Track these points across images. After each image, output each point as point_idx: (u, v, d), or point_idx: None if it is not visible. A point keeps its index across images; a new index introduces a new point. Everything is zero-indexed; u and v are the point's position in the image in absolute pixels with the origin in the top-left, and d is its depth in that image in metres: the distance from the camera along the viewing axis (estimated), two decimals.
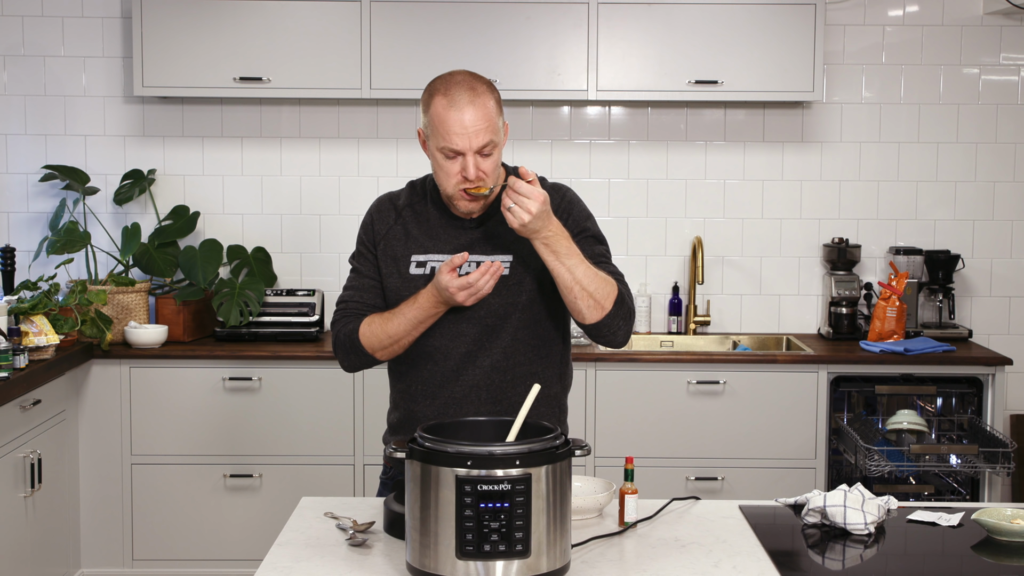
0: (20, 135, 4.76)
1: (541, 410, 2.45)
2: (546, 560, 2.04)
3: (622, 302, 2.40)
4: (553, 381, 2.56)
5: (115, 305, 4.42)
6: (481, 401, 2.49)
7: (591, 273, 2.36)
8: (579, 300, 2.35)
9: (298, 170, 4.80)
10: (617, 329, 2.41)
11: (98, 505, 4.33)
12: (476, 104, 2.34)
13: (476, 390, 2.49)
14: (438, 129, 2.35)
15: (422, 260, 2.49)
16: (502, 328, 2.47)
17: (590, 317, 2.37)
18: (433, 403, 2.51)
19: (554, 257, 2.32)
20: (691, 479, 4.31)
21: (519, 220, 2.26)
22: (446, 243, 2.48)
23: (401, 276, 2.50)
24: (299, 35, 4.41)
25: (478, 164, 2.36)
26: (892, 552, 2.40)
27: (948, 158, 4.81)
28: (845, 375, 4.33)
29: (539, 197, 2.26)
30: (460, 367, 2.49)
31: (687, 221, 4.82)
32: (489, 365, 2.48)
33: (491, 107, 2.36)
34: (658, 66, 4.43)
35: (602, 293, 2.36)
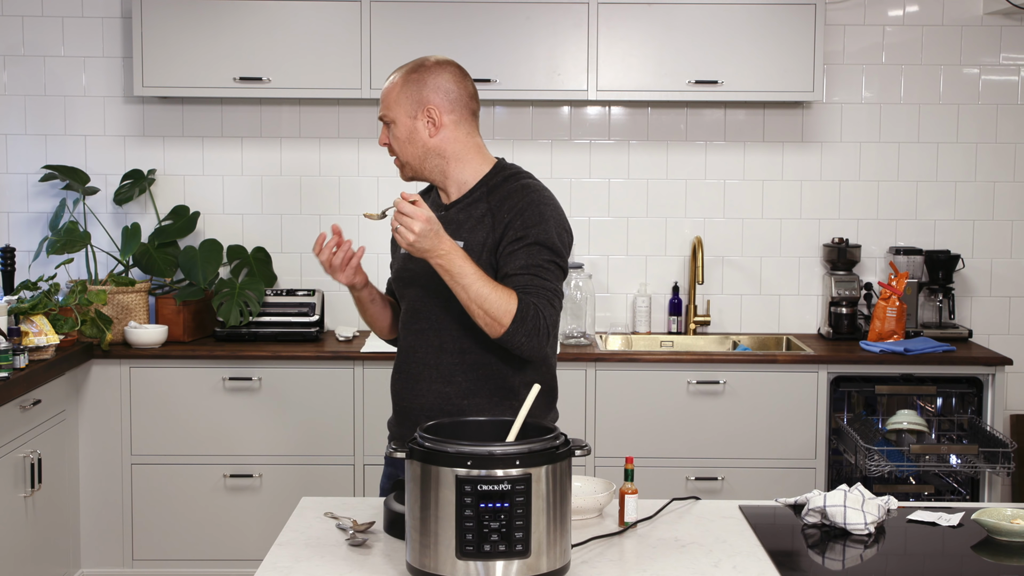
0: (20, 135, 4.76)
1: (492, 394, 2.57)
2: (546, 560, 2.04)
3: (522, 319, 2.42)
4: (511, 372, 2.59)
5: (115, 305, 4.42)
6: (435, 379, 2.58)
7: (487, 291, 2.40)
8: (477, 318, 2.43)
9: (298, 170, 4.80)
10: (520, 345, 2.45)
11: (98, 505, 4.33)
12: (388, 81, 2.61)
13: (429, 368, 2.59)
14: None
15: None
16: (449, 312, 2.54)
17: (491, 333, 2.44)
18: (400, 379, 2.66)
19: (449, 277, 2.40)
20: (691, 479, 4.31)
21: (405, 240, 2.33)
22: None
23: (395, 254, 2.73)
24: (299, 35, 4.41)
25: (384, 131, 2.61)
26: (892, 552, 2.40)
27: (948, 158, 4.81)
28: (845, 375, 4.32)
29: (421, 217, 2.32)
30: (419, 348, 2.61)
31: (687, 221, 4.82)
32: (438, 345, 2.58)
33: (396, 85, 2.58)
34: (658, 66, 4.43)
35: (499, 311, 2.41)
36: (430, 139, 2.56)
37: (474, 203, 2.57)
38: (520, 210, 2.54)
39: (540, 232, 2.51)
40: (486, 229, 2.53)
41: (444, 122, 2.56)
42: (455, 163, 2.59)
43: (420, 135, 2.56)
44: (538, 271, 2.48)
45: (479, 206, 2.56)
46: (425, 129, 2.56)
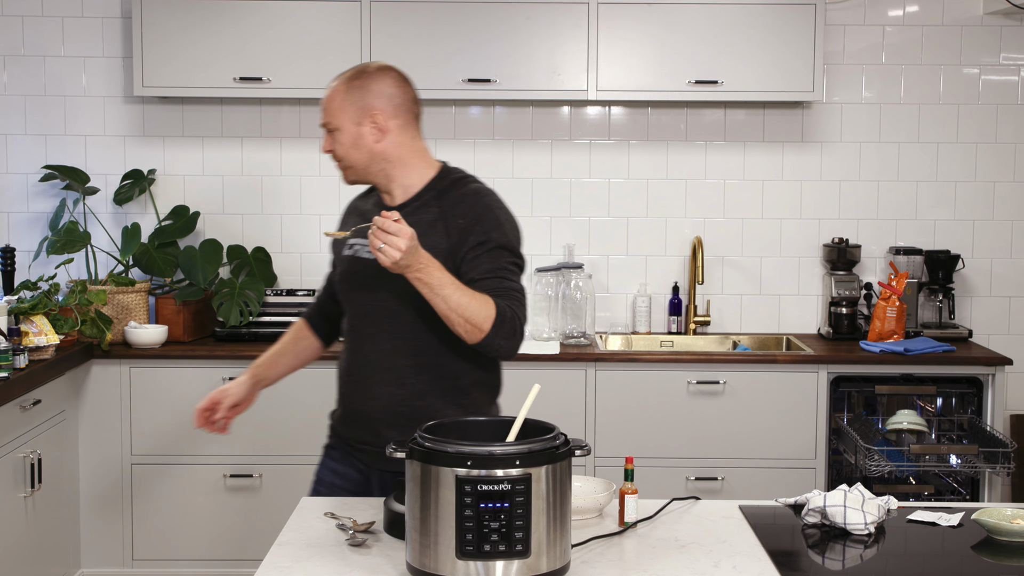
0: (20, 135, 4.76)
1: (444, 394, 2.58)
2: (546, 560, 2.04)
3: (501, 322, 2.45)
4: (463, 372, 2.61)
5: (115, 305, 4.42)
6: (387, 382, 2.59)
7: (466, 299, 2.42)
8: (456, 327, 2.43)
9: (298, 170, 4.80)
10: (499, 347, 2.48)
11: (98, 505, 4.33)
12: (329, 88, 2.62)
13: (380, 371, 2.59)
14: None
15: (352, 242, 2.65)
16: (401, 314, 2.56)
17: (470, 339, 2.45)
18: (349, 382, 2.67)
19: (428, 289, 2.39)
20: (691, 479, 4.31)
21: (390, 259, 2.31)
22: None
23: (339, 258, 2.71)
24: (299, 35, 4.41)
25: (327, 138, 2.62)
26: (892, 552, 2.40)
27: (948, 158, 4.81)
28: (845, 375, 4.33)
29: (406, 235, 2.31)
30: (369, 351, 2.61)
31: (687, 221, 4.82)
32: (390, 348, 2.58)
33: (339, 92, 2.60)
34: (658, 66, 4.43)
35: (479, 317, 2.42)
36: (376, 144, 2.58)
37: (423, 207, 2.58)
38: (477, 215, 2.56)
39: (500, 236, 2.54)
40: (439, 234, 2.53)
41: (390, 127, 2.58)
42: (400, 167, 2.61)
43: (366, 141, 2.58)
44: (503, 273, 2.51)
45: (429, 210, 2.57)
46: (371, 135, 2.58)
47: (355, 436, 2.66)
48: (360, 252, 2.62)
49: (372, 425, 2.61)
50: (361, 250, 2.61)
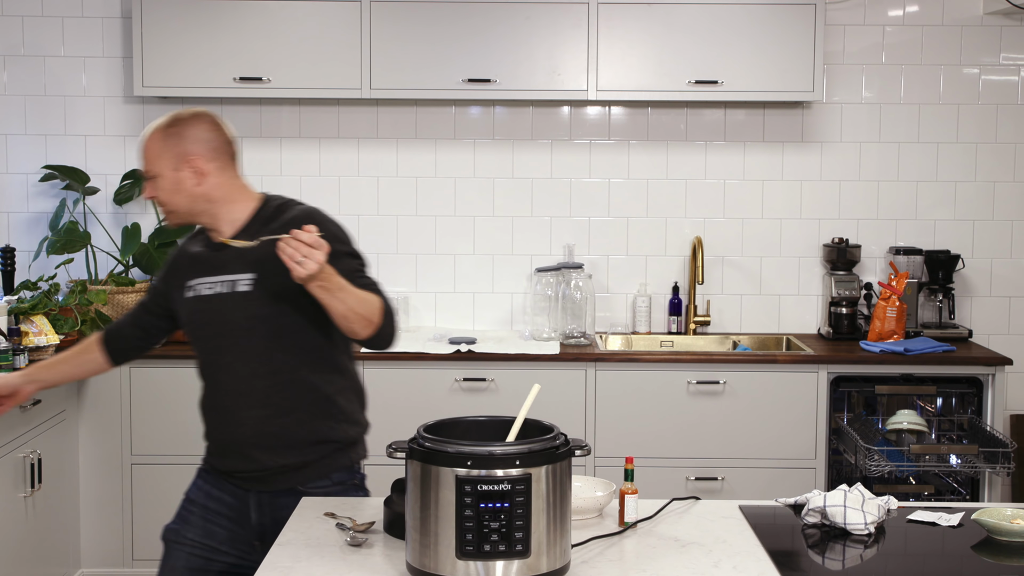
0: (20, 135, 4.76)
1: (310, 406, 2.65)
2: (546, 560, 2.04)
3: (387, 311, 2.57)
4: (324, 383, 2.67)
5: (115, 305, 4.42)
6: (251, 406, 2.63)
7: (358, 297, 2.50)
8: (353, 324, 2.51)
9: (298, 170, 4.80)
10: (388, 336, 2.59)
11: (98, 505, 4.33)
12: (145, 137, 2.70)
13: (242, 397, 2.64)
14: None
15: (192, 284, 2.70)
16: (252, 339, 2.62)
17: (364, 334, 2.54)
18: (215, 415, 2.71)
19: (328, 295, 2.45)
20: (691, 479, 4.31)
21: (308, 271, 2.36)
22: (206, 266, 2.69)
23: (181, 302, 2.73)
24: (299, 35, 4.41)
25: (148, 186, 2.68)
26: (892, 552, 2.40)
27: (948, 158, 4.81)
28: (845, 375, 4.32)
29: (325, 248, 2.37)
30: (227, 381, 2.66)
31: (687, 221, 4.82)
32: (248, 373, 2.63)
33: (155, 140, 2.67)
34: (658, 66, 4.43)
35: (371, 310, 2.52)
36: (196, 188, 2.65)
37: (252, 237, 2.62)
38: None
39: (340, 245, 2.61)
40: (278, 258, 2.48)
41: (208, 170, 2.65)
42: (224, 205, 2.68)
43: (186, 185, 2.65)
44: (359, 275, 2.60)
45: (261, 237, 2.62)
46: (190, 179, 2.64)
47: (229, 466, 2.70)
48: (201, 291, 2.66)
49: (244, 451, 2.66)
50: (202, 288, 2.66)
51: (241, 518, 2.70)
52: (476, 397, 4.26)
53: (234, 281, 2.63)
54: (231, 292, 2.62)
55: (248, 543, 2.69)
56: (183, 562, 2.72)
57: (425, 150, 4.78)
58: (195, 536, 2.73)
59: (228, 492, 2.72)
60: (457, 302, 4.85)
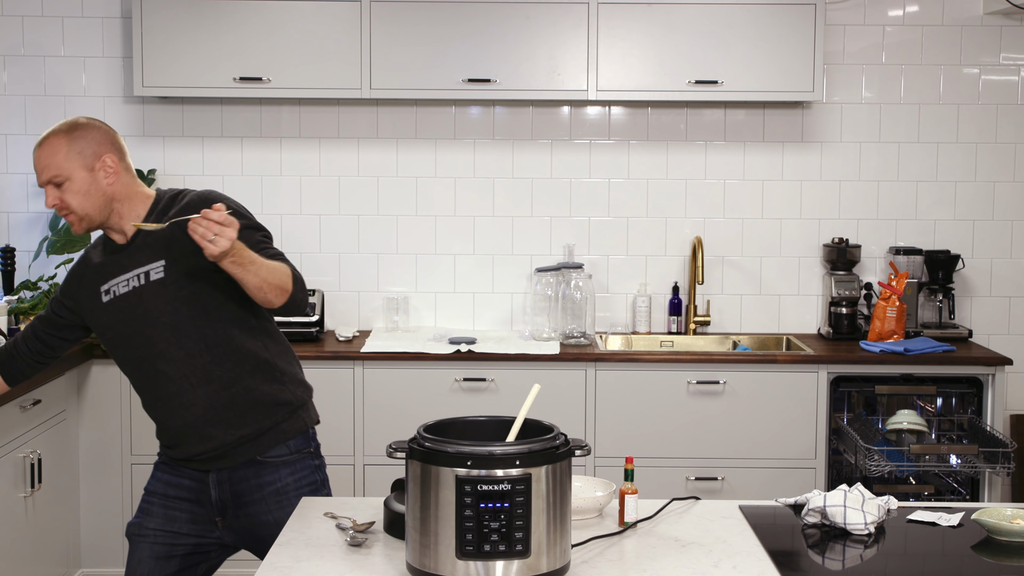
0: (20, 135, 4.76)
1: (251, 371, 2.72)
2: (546, 560, 2.04)
3: (297, 278, 2.67)
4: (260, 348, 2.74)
5: None
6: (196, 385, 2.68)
7: (269, 268, 2.58)
8: (268, 294, 2.59)
9: (298, 170, 4.80)
10: (300, 301, 2.68)
11: (98, 505, 4.33)
12: (45, 144, 2.68)
13: (184, 379, 2.68)
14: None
15: (107, 288, 2.72)
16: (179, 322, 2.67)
17: (278, 303, 2.62)
18: (161, 407, 2.74)
19: (241, 269, 2.52)
20: (691, 479, 4.31)
21: (221, 248, 2.43)
22: (115, 267, 2.72)
23: (99, 308, 2.74)
24: (299, 35, 4.41)
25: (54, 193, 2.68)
26: (892, 552, 2.40)
27: (948, 158, 4.81)
28: (845, 375, 4.32)
29: (236, 224, 2.45)
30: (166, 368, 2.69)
31: (687, 221, 4.82)
32: (184, 355, 2.68)
33: (61, 144, 2.67)
34: (658, 66, 4.43)
35: (283, 279, 2.61)
36: (109, 187, 2.69)
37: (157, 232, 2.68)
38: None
39: (245, 219, 2.67)
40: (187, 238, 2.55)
41: (119, 168, 2.71)
42: (128, 203, 2.73)
43: (100, 185, 2.68)
44: (264, 245, 2.68)
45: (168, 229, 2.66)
46: (105, 178, 2.69)
47: (188, 452, 2.74)
48: (118, 291, 2.70)
49: (198, 430, 2.70)
50: (118, 288, 2.70)
51: (201, 498, 2.75)
52: (476, 397, 4.26)
53: (146, 272, 2.68)
54: (147, 283, 2.67)
55: (209, 521, 2.76)
56: (148, 552, 2.77)
57: (425, 150, 4.78)
58: (157, 525, 2.77)
59: (187, 476, 2.77)
60: (457, 302, 4.85)
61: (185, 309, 2.67)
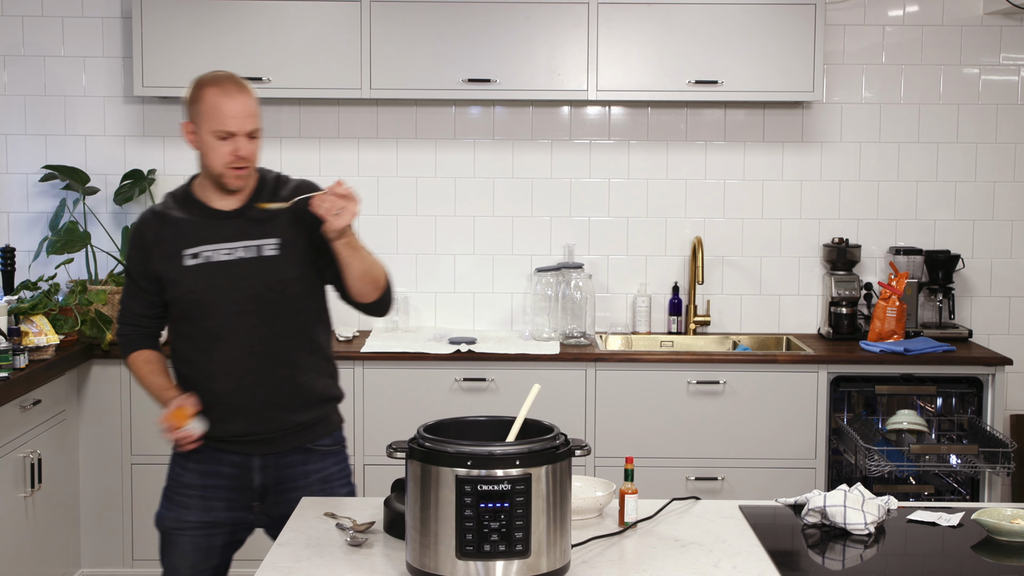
0: (20, 135, 4.76)
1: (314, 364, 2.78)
2: (546, 560, 2.04)
3: (389, 280, 2.79)
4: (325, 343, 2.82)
5: (115, 305, 4.42)
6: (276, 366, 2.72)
7: (372, 260, 2.72)
8: (367, 285, 2.71)
9: (298, 170, 4.75)
10: (388, 304, 2.80)
11: (98, 505, 4.33)
12: (245, 94, 2.71)
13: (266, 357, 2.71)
14: (208, 114, 2.67)
15: (195, 252, 2.71)
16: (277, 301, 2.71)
17: (371, 297, 2.74)
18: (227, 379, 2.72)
19: (352, 252, 2.65)
20: (691, 479, 4.31)
21: (343, 222, 2.57)
22: (214, 233, 2.72)
23: (178, 270, 2.71)
24: (299, 35, 4.41)
25: (247, 146, 2.70)
26: (892, 552, 2.40)
27: (948, 158, 4.81)
28: (845, 375, 4.32)
29: (357, 200, 2.59)
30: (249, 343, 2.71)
31: (687, 221, 4.82)
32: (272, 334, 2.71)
33: (253, 97, 2.73)
34: (658, 66, 4.43)
35: (381, 275, 2.75)
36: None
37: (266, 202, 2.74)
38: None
39: None
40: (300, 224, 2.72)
41: None
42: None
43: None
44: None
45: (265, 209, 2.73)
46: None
47: (237, 431, 2.73)
48: (214, 257, 2.70)
49: (260, 411, 2.72)
50: (215, 255, 2.70)
51: (241, 485, 2.75)
52: (476, 397, 4.26)
53: (259, 246, 2.70)
54: (258, 257, 2.69)
55: (245, 507, 2.77)
56: (189, 546, 2.77)
57: (425, 150, 4.78)
58: (196, 517, 2.77)
59: (227, 463, 2.76)
60: (457, 302, 4.85)
61: (286, 291, 2.71)
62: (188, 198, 2.78)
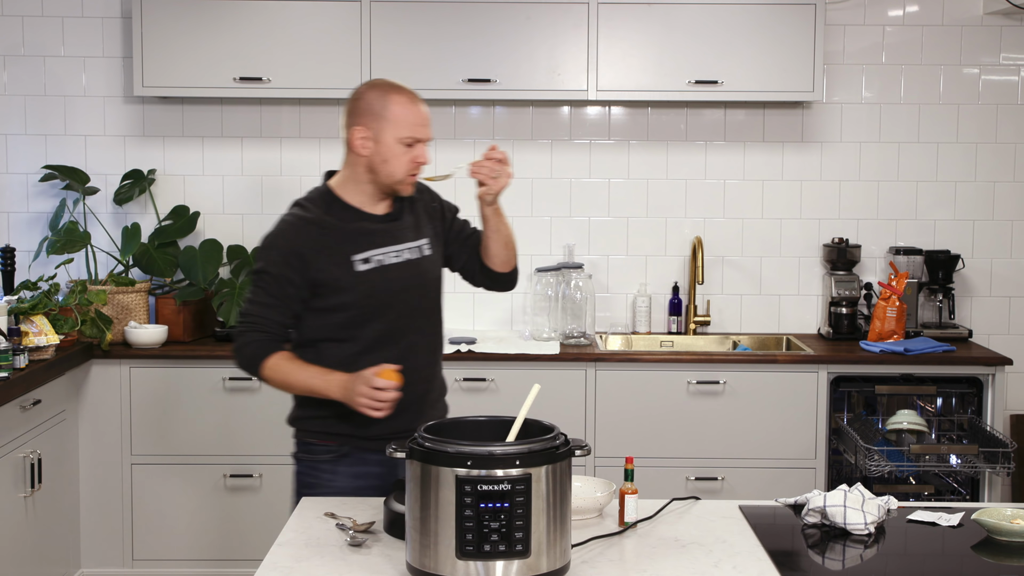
0: (20, 135, 4.76)
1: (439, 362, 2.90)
2: (546, 560, 2.04)
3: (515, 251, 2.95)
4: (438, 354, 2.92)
5: (115, 305, 4.42)
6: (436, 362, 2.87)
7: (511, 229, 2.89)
8: (509, 252, 2.88)
9: (298, 170, 4.80)
10: (516, 277, 2.97)
11: (98, 505, 4.33)
12: (423, 103, 2.78)
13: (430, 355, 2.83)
14: (400, 122, 2.70)
15: (365, 257, 2.72)
16: (436, 298, 2.86)
17: (507, 267, 2.90)
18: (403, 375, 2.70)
19: (500, 219, 2.84)
20: (691, 479, 4.31)
21: (501, 185, 2.75)
22: (379, 237, 2.76)
23: (351, 276, 2.71)
24: (299, 35, 4.41)
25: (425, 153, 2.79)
26: (892, 552, 2.40)
27: (948, 158, 4.81)
28: (845, 375, 4.32)
29: (510, 163, 2.75)
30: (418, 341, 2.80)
31: (687, 221, 4.82)
32: (432, 333, 2.86)
33: None
34: (658, 66, 4.43)
35: (515, 247, 2.93)
36: None
37: (411, 205, 2.84)
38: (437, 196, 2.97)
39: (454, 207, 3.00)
40: (432, 221, 2.88)
41: None
42: None
43: None
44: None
45: (416, 207, 2.85)
46: None
47: (397, 428, 2.65)
48: (386, 260, 2.74)
49: (422, 407, 2.77)
50: (385, 258, 2.73)
51: (385, 484, 2.73)
52: (476, 397, 4.26)
53: (419, 247, 2.80)
54: (420, 257, 2.79)
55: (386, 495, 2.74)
56: None
57: None
58: None
59: (374, 463, 2.74)
60: (457, 302, 4.84)
61: (438, 287, 2.86)
62: (337, 203, 2.74)
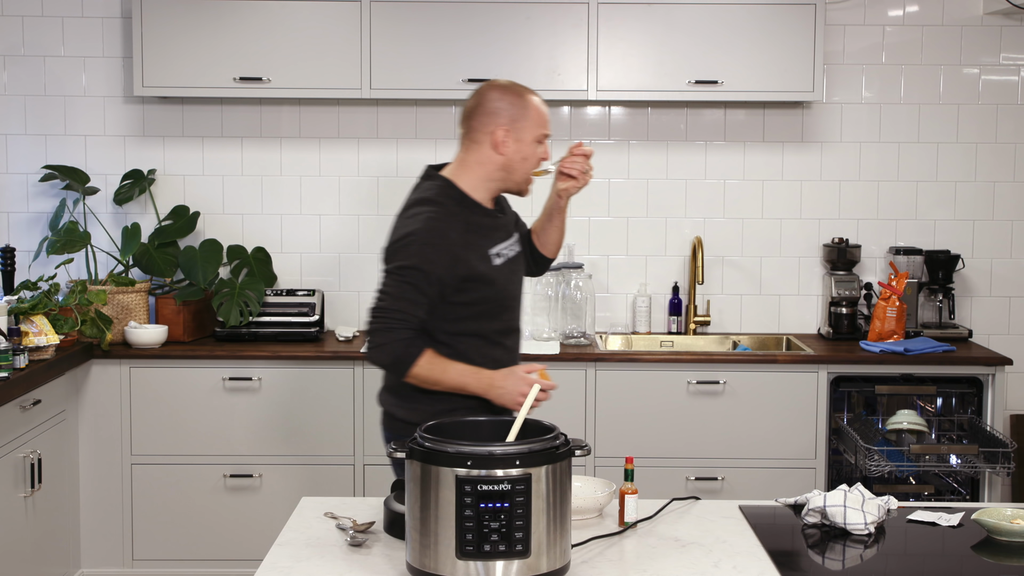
0: (20, 135, 4.76)
1: None
2: (546, 560, 2.04)
3: None
4: None
5: (115, 305, 4.42)
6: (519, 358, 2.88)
7: None
8: (562, 238, 3.02)
9: (298, 170, 4.80)
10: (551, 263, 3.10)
11: (98, 505, 4.33)
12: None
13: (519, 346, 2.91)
14: (538, 120, 2.83)
15: (497, 251, 2.81)
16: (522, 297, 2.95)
17: (558, 251, 3.06)
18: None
19: (564, 214, 2.96)
20: (691, 479, 4.31)
21: (588, 180, 2.88)
22: (500, 232, 2.85)
23: (492, 269, 2.78)
24: (299, 35, 4.41)
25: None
26: (892, 552, 2.41)
27: (948, 158, 4.81)
28: (845, 375, 4.32)
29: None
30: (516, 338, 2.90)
31: (687, 221, 4.82)
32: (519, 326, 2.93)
33: None
34: (658, 66, 4.43)
35: None
36: None
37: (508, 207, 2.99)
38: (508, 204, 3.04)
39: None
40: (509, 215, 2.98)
41: None
42: None
43: None
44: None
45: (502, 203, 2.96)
46: None
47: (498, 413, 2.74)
48: (507, 255, 2.83)
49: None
50: (507, 252, 2.83)
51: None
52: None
53: (518, 240, 2.91)
54: (521, 251, 2.92)
55: None
56: None
57: (425, 150, 4.78)
58: None
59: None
60: None
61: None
62: (467, 200, 2.79)
